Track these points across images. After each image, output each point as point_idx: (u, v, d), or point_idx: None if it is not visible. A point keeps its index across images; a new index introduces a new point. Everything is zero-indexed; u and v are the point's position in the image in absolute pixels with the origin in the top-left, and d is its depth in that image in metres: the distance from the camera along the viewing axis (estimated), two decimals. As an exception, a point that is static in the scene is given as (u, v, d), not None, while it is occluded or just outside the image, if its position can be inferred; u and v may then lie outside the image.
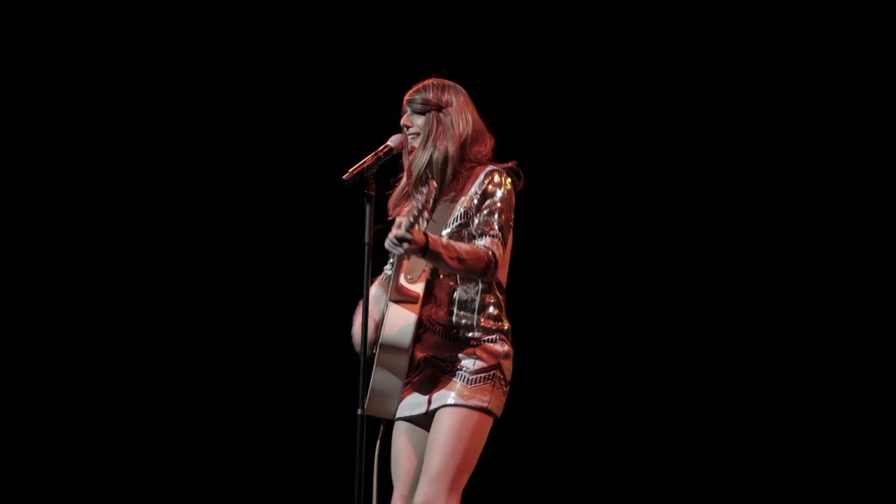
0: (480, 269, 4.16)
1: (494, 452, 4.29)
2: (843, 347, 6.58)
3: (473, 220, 4.23)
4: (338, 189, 4.10)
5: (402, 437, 4.33)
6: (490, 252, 4.17)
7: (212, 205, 6.95)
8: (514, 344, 4.29)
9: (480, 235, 4.20)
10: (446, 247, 4.10)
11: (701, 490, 6.69)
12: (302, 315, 6.90)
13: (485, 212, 4.22)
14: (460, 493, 4.18)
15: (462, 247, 4.14)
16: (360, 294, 4.11)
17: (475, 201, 4.25)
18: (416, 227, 4.04)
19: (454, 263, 4.12)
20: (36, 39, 6.88)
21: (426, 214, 4.10)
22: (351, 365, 4.19)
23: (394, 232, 4.02)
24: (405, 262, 4.25)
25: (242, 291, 6.96)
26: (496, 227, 4.20)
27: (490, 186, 4.24)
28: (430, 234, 4.11)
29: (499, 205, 4.22)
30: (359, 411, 4.06)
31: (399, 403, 4.25)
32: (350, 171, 4.10)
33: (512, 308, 4.32)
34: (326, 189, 4.97)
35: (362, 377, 4.07)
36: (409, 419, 4.30)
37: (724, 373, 6.69)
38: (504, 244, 4.22)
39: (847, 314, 6.59)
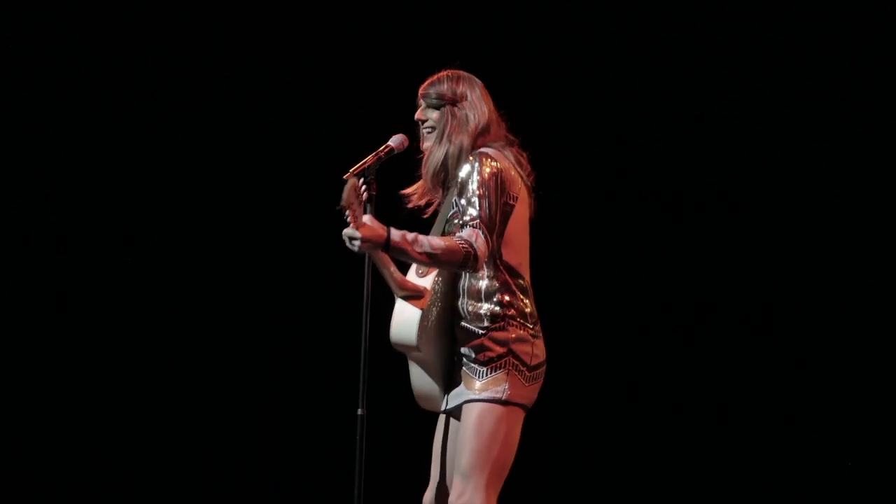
0: (457, 263, 4.03)
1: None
2: (848, 347, 6.58)
3: (458, 207, 4.15)
4: (338, 189, 4.09)
5: (440, 429, 4.29)
6: (466, 245, 4.01)
7: (212, 205, 6.95)
8: (537, 325, 4.17)
9: (462, 226, 4.09)
10: (412, 242, 3.98)
11: (708, 490, 6.69)
12: (302, 315, 6.90)
13: (464, 197, 4.12)
14: (498, 489, 4.10)
15: (434, 242, 4.01)
16: (360, 294, 4.10)
17: (458, 187, 4.17)
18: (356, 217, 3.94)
19: (423, 258, 4.00)
20: (35, 39, 6.88)
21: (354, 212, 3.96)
22: (351, 365, 4.19)
23: (345, 230, 3.97)
24: (385, 257, 4.17)
25: (243, 291, 6.96)
26: (477, 217, 4.06)
27: (467, 170, 4.14)
28: (392, 228, 4.00)
29: (478, 191, 4.09)
30: (359, 411, 4.05)
31: (442, 397, 4.21)
32: (351, 170, 4.08)
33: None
34: (327, 189, 4.97)
35: (363, 377, 4.06)
36: (446, 412, 4.25)
37: (730, 372, 6.69)
38: (491, 231, 4.07)
39: (849, 314, 6.59)
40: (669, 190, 6.76)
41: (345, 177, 4.06)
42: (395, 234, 3.99)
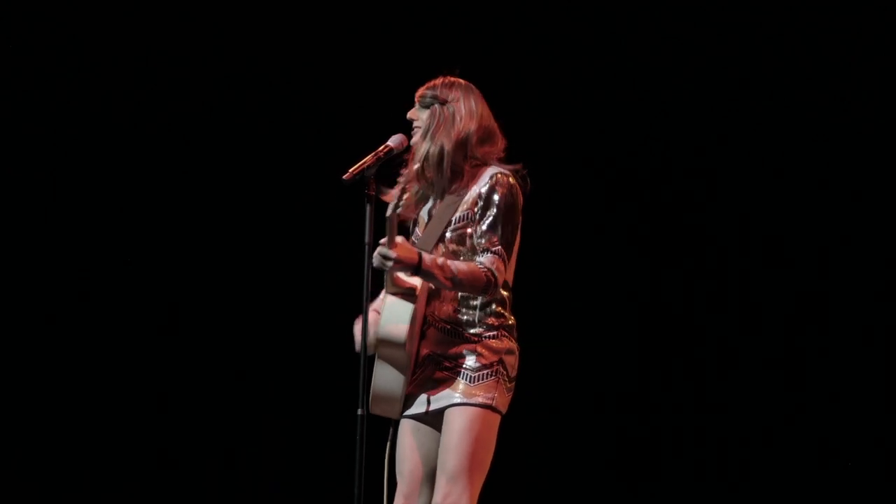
0: (479, 289, 4.14)
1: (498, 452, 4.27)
2: (849, 347, 6.58)
3: (476, 228, 4.20)
4: (338, 189, 4.09)
5: (406, 435, 4.30)
6: (489, 272, 4.12)
7: (212, 205, 6.95)
8: (519, 341, 4.25)
9: (482, 251, 4.17)
10: (441, 267, 4.08)
11: (704, 489, 6.69)
12: (302, 315, 6.90)
13: (487, 221, 4.18)
14: (478, 492, 4.16)
15: (459, 267, 4.11)
16: (360, 294, 4.10)
17: (478, 204, 4.21)
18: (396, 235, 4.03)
19: (448, 284, 4.10)
20: (35, 39, 6.88)
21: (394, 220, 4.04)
22: (351, 365, 4.19)
23: (379, 249, 4.03)
24: None
25: (243, 292, 6.96)
26: (497, 243, 4.16)
27: (491, 192, 4.19)
28: (424, 253, 4.09)
29: (502, 215, 4.18)
30: (359, 411, 4.04)
31: (403, 402, 4.24)
32: (350, 171, 4.09)
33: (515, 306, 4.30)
34: (326, 189, 4.97)
35: (362, 377, 4.06)
36: (413, 417, 4.27)
37: (727, 371, 6.69)
38: (508, 257, 4.18)
39: (851, 315, 6.59)
40: (668, 191, 6.76)
41: (344, 177, 4.07)
42: (427, 258, 4.08)
